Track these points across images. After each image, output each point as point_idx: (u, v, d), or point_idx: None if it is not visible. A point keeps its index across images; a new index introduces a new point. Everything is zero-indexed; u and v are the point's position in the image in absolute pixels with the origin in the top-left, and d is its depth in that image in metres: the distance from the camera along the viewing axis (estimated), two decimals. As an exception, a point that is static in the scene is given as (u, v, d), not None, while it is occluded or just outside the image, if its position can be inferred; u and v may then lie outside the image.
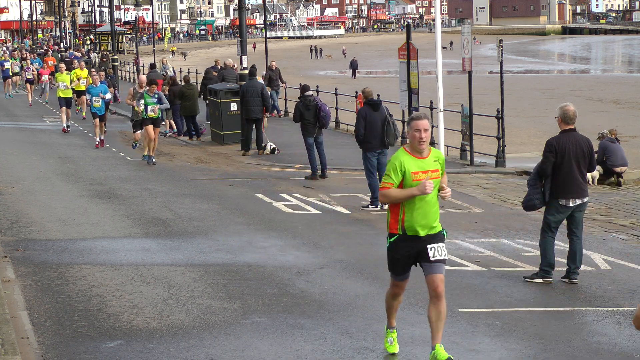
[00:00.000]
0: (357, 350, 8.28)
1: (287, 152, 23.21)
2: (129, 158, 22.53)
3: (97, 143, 24.74)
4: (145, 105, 21.18)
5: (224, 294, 10.06)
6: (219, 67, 32.54)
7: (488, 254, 12.29)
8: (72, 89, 30.67)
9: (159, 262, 11.68)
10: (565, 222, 10.93)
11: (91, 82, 26.98)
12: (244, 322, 9.06)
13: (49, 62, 47.04)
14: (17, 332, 8.44)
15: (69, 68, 37.63)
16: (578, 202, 10.75)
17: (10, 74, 44.38)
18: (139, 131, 22.42)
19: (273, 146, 23.25)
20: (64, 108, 29.17)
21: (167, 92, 27.61)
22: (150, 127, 21.21)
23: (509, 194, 17.42)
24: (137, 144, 23.08)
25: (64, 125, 28.83)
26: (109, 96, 25.39)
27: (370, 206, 15.81)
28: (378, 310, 9.58)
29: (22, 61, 48.07)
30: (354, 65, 66.62)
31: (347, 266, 11.53)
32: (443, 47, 21.78)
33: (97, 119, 24.72)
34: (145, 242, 12.92)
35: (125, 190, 17.34)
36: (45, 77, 40.77)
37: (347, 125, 28.91)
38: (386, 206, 15.51)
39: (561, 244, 11.64)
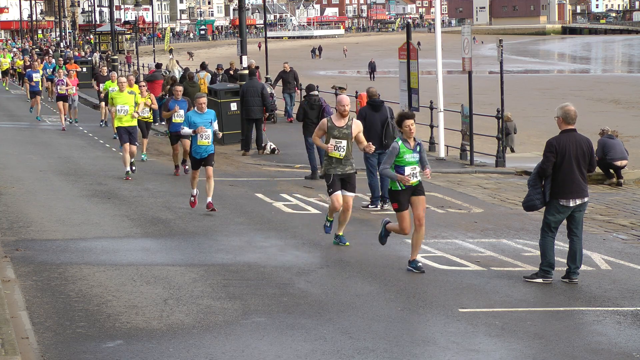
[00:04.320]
0: (357, 350, 8.28)
1: (287, 152, 23.20)
2: (129, 158, 22.50)
3: (193, 197, 15.35)
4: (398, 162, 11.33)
5: (224, 294, 10.07)
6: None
7: (488, 254, 12.30)
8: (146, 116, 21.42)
9: (159, 262, 11.69)
10: (565, 222, 10.94)
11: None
12: (244, 322, 9.07)
13: (71, 69, 36.69)
14: (17, 332, 8.44)
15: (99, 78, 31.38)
16: (578, 202, 10.75)
17: (40, 88, 34.83)
18: (338, 192, 12.61)
19: (273, 146, 23.25)
20: (127, 145, 18.86)
21: (167, 92, 27.62)
22: (347, 198, 12.70)
23: (509, 194, 17.42)
24: (331, 221, 13.05)
25: (127, 168, 18.89)
26: (215, 126, 15.28)
27: (370, 206, 15.80)
28: (378, 309, 9.59)
29: (27, 68, 40.79)
30: (372, 67, 66.18)
31: (347, 266, 11.53)
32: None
33: (197, 172, 15.31)
34: (145, 242, 12.92)
35: (125, 190, 17.34)
36: (71, 90, 31.36)
37: (347, 125, 28.86)
38: (387, 206, 15.62)
39: (561, 244, 11.64)
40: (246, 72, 24.36)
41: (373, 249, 12.59)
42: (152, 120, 22.26)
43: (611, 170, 19.29)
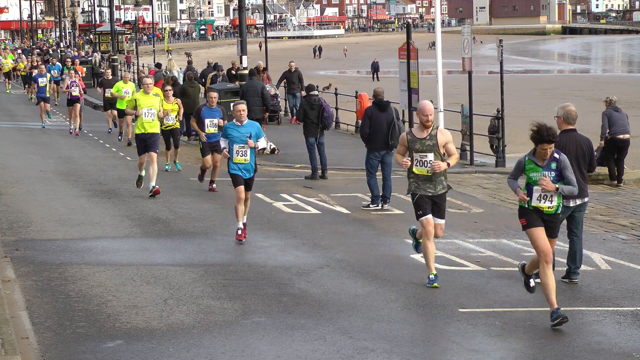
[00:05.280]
0: (357, 350, 8.28)
1: (287, 152, 23.19)
2: (128, 158, 22.50)
3: (240, 230, 12.98)
4: None
5: (224, 294, 10.07)
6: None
7: (488, 254, 12.29)
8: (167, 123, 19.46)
9: (159, 262, 11.69)
10: (565, 222, 10.93)
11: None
12: (244, 322, 9.07)
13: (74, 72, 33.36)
14: (17, 332, 8.44)
15: (105, 84, 28.17)
16: (578, 202, 10.76)
17: (47, 94, 31.66)
18: (429, 216, 10.74)
19: (273, 146, 23.24)
20: (144, 156, 16.78)
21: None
22: (437, 226, 10.86)
23: (509, 194, 17.40)
24: (419, 242, 11.20)
25: (153, 184, 16.49)
26: (262, 144, 13.50)
27: (371, 205, 15.79)
28: (378, 309, 9.59)
29: (33, 69, 37.81)
30: (375, 67, 65.86)
31: (347, 266, 11.53)
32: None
33: (242, 187, 13.14)
34: (145, 242, 12.93)
35: (125, 190, 17.34)
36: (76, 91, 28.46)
37: (347, 125, 28.92)
38: (387, 206, 15.62)
39: (561, 244, 11.63)
40: (246, 72, 24.35)
41: (373, 249, 12.59)
42: (178, 127, 20.49)
43: (614, 169, 19.20)
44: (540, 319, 9.39)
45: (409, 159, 10.53)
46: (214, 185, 17.56)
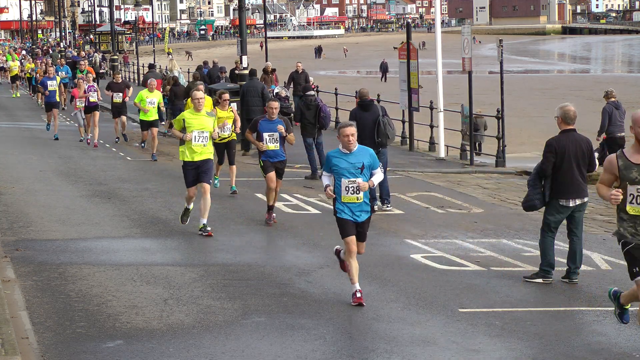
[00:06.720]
0: (357, 350, 8.28)
1: (287, 152, 23.12)
2: (129, 158, 22.52)
3: (359, 292, 9.84)
4: None
5: (224, 294, 10.07)
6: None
7: (488, 254, 12.29)
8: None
9: (159, 262, 11.69)
10: (565, 222, 10.94)
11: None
12: (244, 322, 9.07)
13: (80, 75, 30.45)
14: (17, 332, 8.44)
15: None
16: (578, 202, 10.76)
17: (57, 99, 28.69)
18: None
19: (273, 146, 23.21)
20: (205, 186, 13.54)
21: (167, 92, 27.62)
22: None
23: (509, 194, 17.41)
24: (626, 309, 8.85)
25: (204, 221, 13.40)
26: (379, 177, 10.26)
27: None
28: (378, 310, 9.59)
29: (44, 73, 33.31)
30: (384, 68, 65.45)
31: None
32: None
33: (353, 238, 10.08)
34: (145, 242, 12.92)
35: (125, 190, 17.34)
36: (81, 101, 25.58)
37: (347, 125, 28.85)
38: (387, 207, 15.60)
39: (561, 244, 11.63)
40: (246, 72, 24.35)
41: (373, 249, 12.58)
42: (235, 138, 17.58)
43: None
44: (540, 319, 9.39)
45: (620, 191, 7.72)
46: (274, 214, 14.43)
